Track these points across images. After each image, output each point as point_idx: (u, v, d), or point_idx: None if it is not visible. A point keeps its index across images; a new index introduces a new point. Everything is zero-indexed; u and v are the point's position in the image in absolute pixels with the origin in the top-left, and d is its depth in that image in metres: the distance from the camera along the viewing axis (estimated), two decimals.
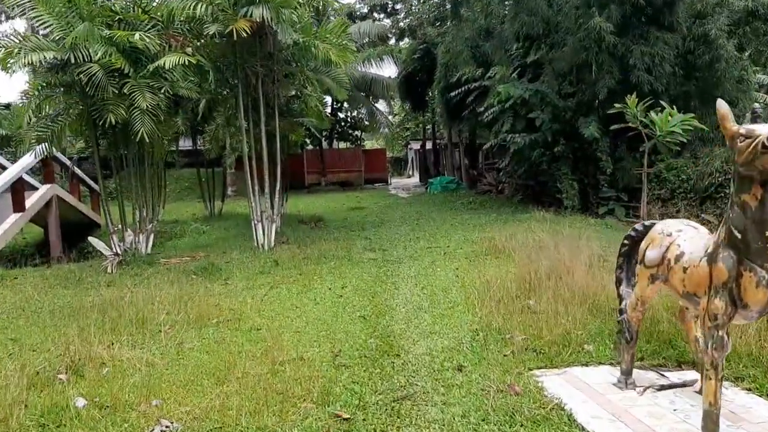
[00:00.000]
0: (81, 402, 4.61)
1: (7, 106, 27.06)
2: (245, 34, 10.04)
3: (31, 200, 13.26)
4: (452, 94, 18.44)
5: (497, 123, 16.18)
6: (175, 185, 27.94)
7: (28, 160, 13.29)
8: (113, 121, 9.58)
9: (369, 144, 47.50)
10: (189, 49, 10.63)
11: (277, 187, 12.23)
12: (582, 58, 14.49)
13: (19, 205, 12.66)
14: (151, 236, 11.57)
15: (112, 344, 6.11)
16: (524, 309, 6.36)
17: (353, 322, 6.63)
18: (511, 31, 16.56)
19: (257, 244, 11.68)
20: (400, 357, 5.35)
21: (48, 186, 14.20)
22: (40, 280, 10.12)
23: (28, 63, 9.31)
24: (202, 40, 11.05)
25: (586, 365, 5.01)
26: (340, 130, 34.47)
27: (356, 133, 36.09)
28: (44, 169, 14.84)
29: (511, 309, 6.39)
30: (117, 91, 9.78)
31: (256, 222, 11.64)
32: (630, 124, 12.87)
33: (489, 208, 17.66)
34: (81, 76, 9.46)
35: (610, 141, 14.76)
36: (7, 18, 31.04)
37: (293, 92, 14.50)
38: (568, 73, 15.88)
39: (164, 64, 9.87)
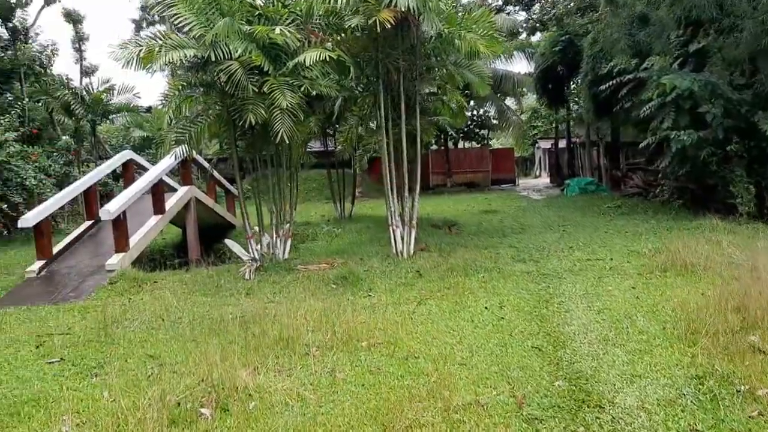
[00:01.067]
0: None
1: (148, 109, 28.18)
2: (389, 25, 9.25)
3: (171, 202, 13.27)
4: (601, 87, 16.82)
5: (655, 119, 14.45)
6: (303, 186, 27.95)
7: (168, 161, 13.30)
8: (253, 121, 9.11)
9: (491, 143, 45.92)
10: (329, 44, 10.03)
11: (417, 190, 11.36)
12: (763, 43, 12.54)
13: (159, 207, 12.66)
14: (288, 241, 11.09)
15: (257, 369, 5.46)
16: (751, 348, 5.04)
17: (527, 355, 5.59)
18: (671, 16, 14.79)
19: (396, 251, 10.89)
20: (604, 410, 4.26)
21: (187, 188, 14.21)
22: (179, 285, 9.87)
23: (169, 61, 9.02)
24: (342, 35, 10.40)
25: None
26: (465, 129, 33.30)
27: (483, 132, 34.75)
28: (182, 171, 14.92)
29: (732, 348, 5.09)
30: (257, 90, 9.31)
31: (395, 228, 10.85)
32: None
33: (643, 213, 15.90)
34: (221, 74, 9.06)
35: None
36: (149, 24, 32.61)
37: (428, 89, 13.61)
38: (742, 62, 13.93)
39: (304, 60, 9.28)
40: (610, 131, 23.01)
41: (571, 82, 24.15)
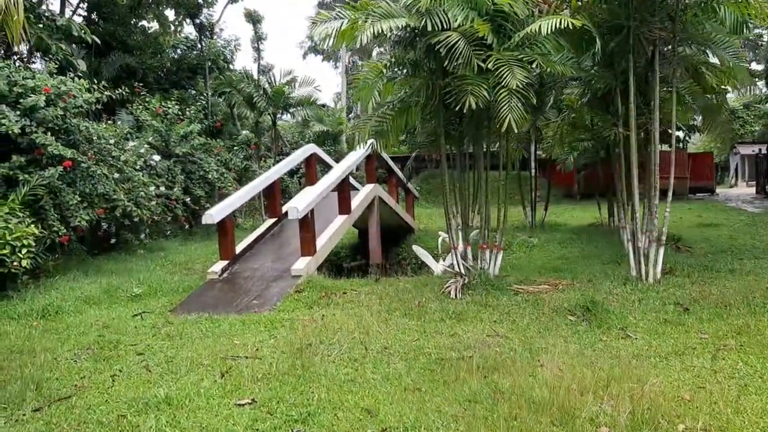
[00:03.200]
0: None
1: (323, 106, 27.82)
2: None
3: (356, 201, 11.95)
4: None
5: None
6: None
7: (355, 156, 12.05)
8: (473, 104, 7.33)
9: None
10: (565, 12, 8.05)
11: (669, 198, 9.10)
12: None
13: (345, 207, 11.36)
14: (500, 254, 9.21)
15: None
16: None
17: None
18: None
19: (637, 273, 8.65)
20: None
21: (371, 186, 12.86)
22: (372, 298, 8.36)
23: (377, 33, 7.49)
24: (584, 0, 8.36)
25: None
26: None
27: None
28: (366, 167, 13.63)
29: None
30: (480, 67, 7.54)
31: (637, 244, 8.62)
32: None
33: None
34: (439, 47, 7.37)
35: None
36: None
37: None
38: None
39: (539, 29, 7.37)
40: None
41: None
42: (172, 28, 25.30)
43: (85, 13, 22.76)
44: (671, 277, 8.83)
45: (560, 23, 7.33)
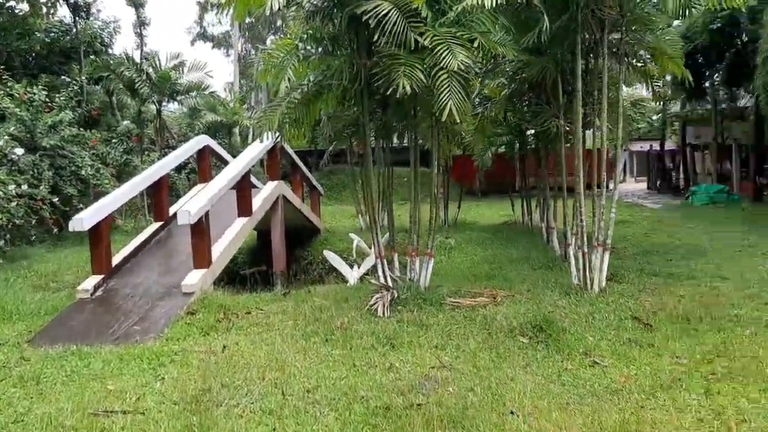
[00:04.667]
0: None
1: (211, 93, 25.82)
2: None
3: (257, 201, 10.46)
4: None
5: None
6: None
7: (255, 150, 10.57)
8: (407, 88, 6.12)
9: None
10: None
11: (615, 196, 8.37)
12: None
13: (245, 208, 9.86)
14: (431, 262, 8.05)
15: None
16: None
17: None
18: None
19: (579, 280, 7.79)
20: None
21: (275, 183, 11.38)
22: (283, 319, 7.00)
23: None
24: None
25: None
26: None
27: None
28: (269, 163, 12.15)
29: None
30: (414, 45, 6.35)
31: (584, 250, 7.71)
32: None
33: None
34: (367, 19, 6.10)
35: None
36: (214, 6, 30.23)
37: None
38: None
39: (480, 3, 6.27)
40: (754, 131, 19.41)
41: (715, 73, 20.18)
42: (44, 9, 22.52)
43: None
44: (614, 284, 8.06)
45: None
